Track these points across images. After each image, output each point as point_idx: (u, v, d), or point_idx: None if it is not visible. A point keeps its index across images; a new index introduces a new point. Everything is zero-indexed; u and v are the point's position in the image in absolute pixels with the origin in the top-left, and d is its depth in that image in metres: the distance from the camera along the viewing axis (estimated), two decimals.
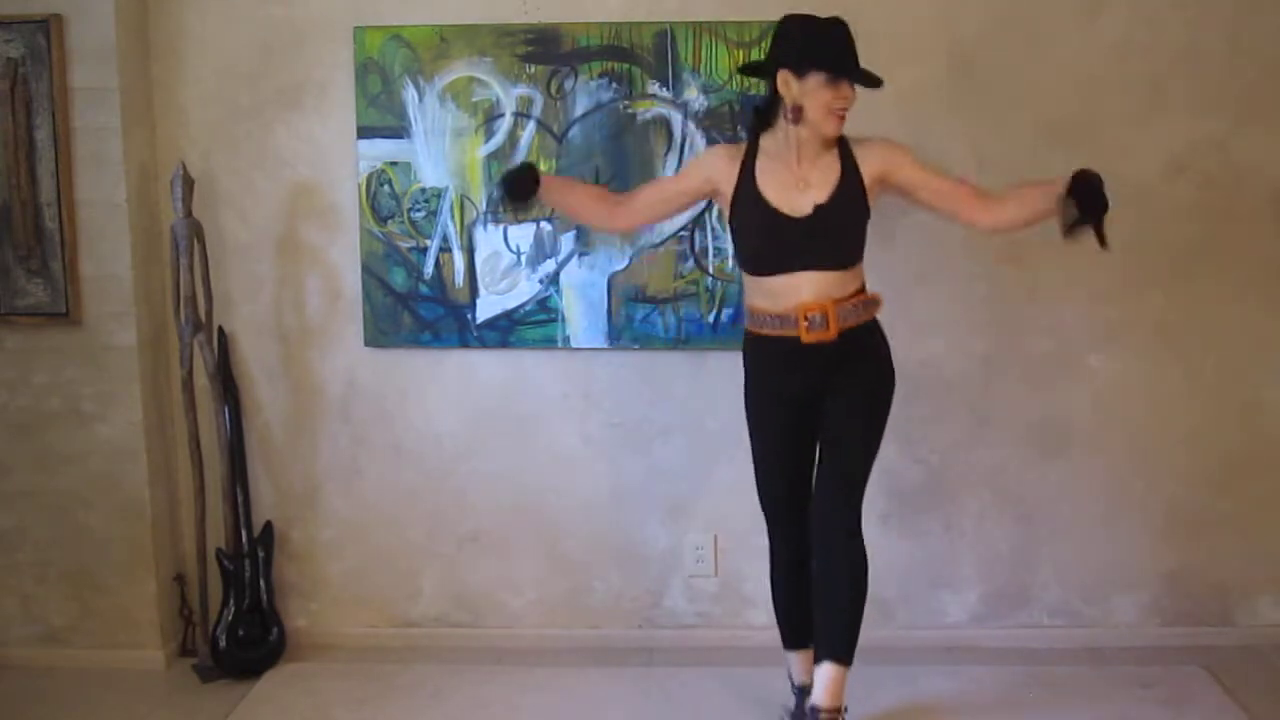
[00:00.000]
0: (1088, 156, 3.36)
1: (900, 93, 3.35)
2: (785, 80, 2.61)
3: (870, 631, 3.54)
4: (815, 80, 2.58)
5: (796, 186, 2.64)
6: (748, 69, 2.93)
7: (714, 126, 3.35)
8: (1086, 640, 3.54)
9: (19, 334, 3.38)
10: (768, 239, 2.66)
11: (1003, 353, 3.47)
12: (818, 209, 2.63)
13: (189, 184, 3.32)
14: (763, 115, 2.72)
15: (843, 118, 2.61)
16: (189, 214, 3.34)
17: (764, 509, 2.95)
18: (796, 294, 2.66)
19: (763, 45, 3.32)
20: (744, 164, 2.70)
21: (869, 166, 2.67)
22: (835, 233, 2.66)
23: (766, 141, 2.71)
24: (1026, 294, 3.45)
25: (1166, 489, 3.51)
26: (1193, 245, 3.41)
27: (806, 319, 2.64)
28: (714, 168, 2.75)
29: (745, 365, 2.87)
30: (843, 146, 2.68)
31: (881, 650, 3.46)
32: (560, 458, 3.57)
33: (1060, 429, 3.50)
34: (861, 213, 2.69)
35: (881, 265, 3.43)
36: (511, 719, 3.18)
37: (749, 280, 2.77)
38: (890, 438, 3.48)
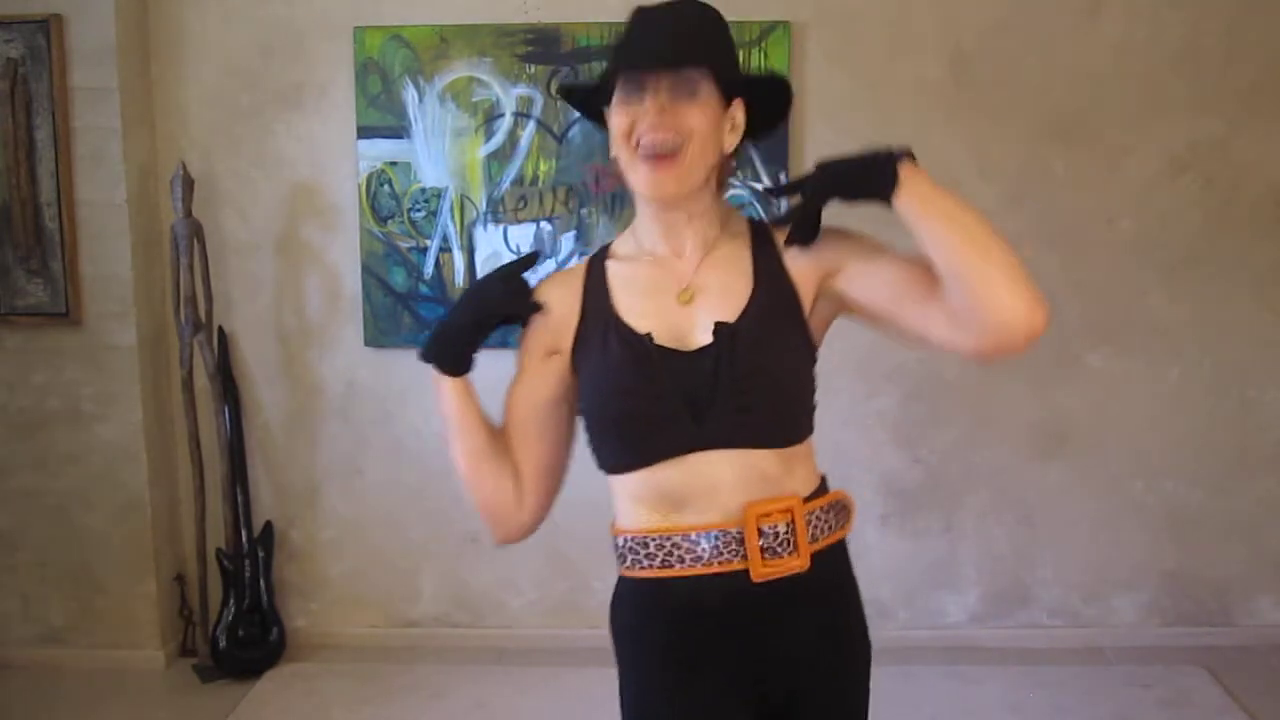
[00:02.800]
0: (1088, 156, 3.39)
1: (900, 93, 3.36)
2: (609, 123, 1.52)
3: (870, 632, 3.56)
4: (615, 104, 1.49)
5: (676, 298, 1.50)
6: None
7: None
8: (1086, 640, 3.54)
9: (19, 334, 3.38)
10: (636, 397, 1.49)
11: None
12: (721, 330, 1.46)
13: (189, 184, 3.32)
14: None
15: (665, 157, 1.44)
16: (189, 214, 3.33)
17: None
18: (716, 493, 1.47)
19: (762, 45, 3.32)
20: (586, 286, 1.56)
21: (803, 260, 1.50)
22: (763, 376, 1.47)
23: (619, 244, 1.60)
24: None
25: (1166, 489, 3.51)
26: (1193, 245, 3.41)
27: (760, 532, 1.45)
28: (542, 326, 1.60)
29: (619, 653, 1.66)
30: (759, 234, 1.55)
31: (881, 650, 3.45)
32: None
33: (1060, 429, 3.50)
34: (798, 340, 1.52)
35: None
36: (511, 719, 3.18)
37: (616, 486, 1.61)
38: (890, 438, 3.51)
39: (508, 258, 3.44)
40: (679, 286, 1.50)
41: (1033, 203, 3.39)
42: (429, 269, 3.47)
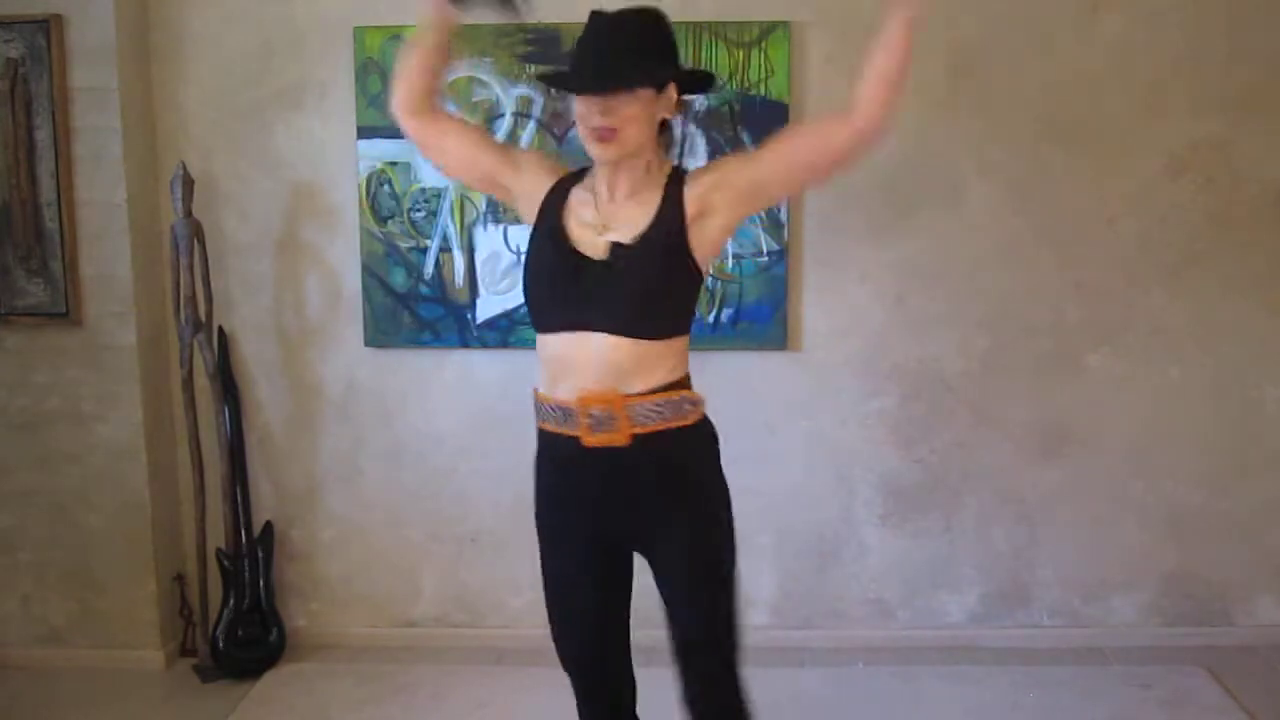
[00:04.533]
0: (1088, 157, 3.39)
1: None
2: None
3: (870, 631, 3.56)
4: (575, 97, 2.07)
5: (601, 225, 2.06)
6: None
7: (714, 126, 3.35)
8: (1086, 640, 3.54)
9: (19, 334, 3.38)
10: (553, 279, 2.05)
11: (1002, 353, 3.47)
12: (614, 248, 2.01)
13: (189, 184, 3.32)
14: None
15: (606, 138, 2.01)
16: (189, 214, 3.33)
17: (563, 668, 2.27)
18: (576, 372, 2.02)
19: (763, 45, 3.32)
20: (555, 188, 2.14)
21: (691, 197, 2.04)
22: (634, 283, 2.00)
23: (583, 177, 2.17)
24: (1026, 294, 3.45)
25: (1166, 489, 3.51)
26: (1193, 245, 3.41)
27: (589, 415, 2.00)
28: (531, 170, 2.19)
29: (535, 477, 2.21)
30: (674, 182, 2.08)
31: (881, 650, 3.46)
32: None
33: (1060, 429, 3.50)
34: (675, 260, 2.03)
35: (881, 265, 3.44)
36: (511, 719, 3.18)
37: (539, 348, 2.12)
38: (890, 438, 3.51)
39: (508, 258, 3.44)
40: (601, 221, 2.06)
41: (1033, 203, 3.39)
42: (429, 269, 3.47)
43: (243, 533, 3.49)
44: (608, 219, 2.05)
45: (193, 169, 3.38)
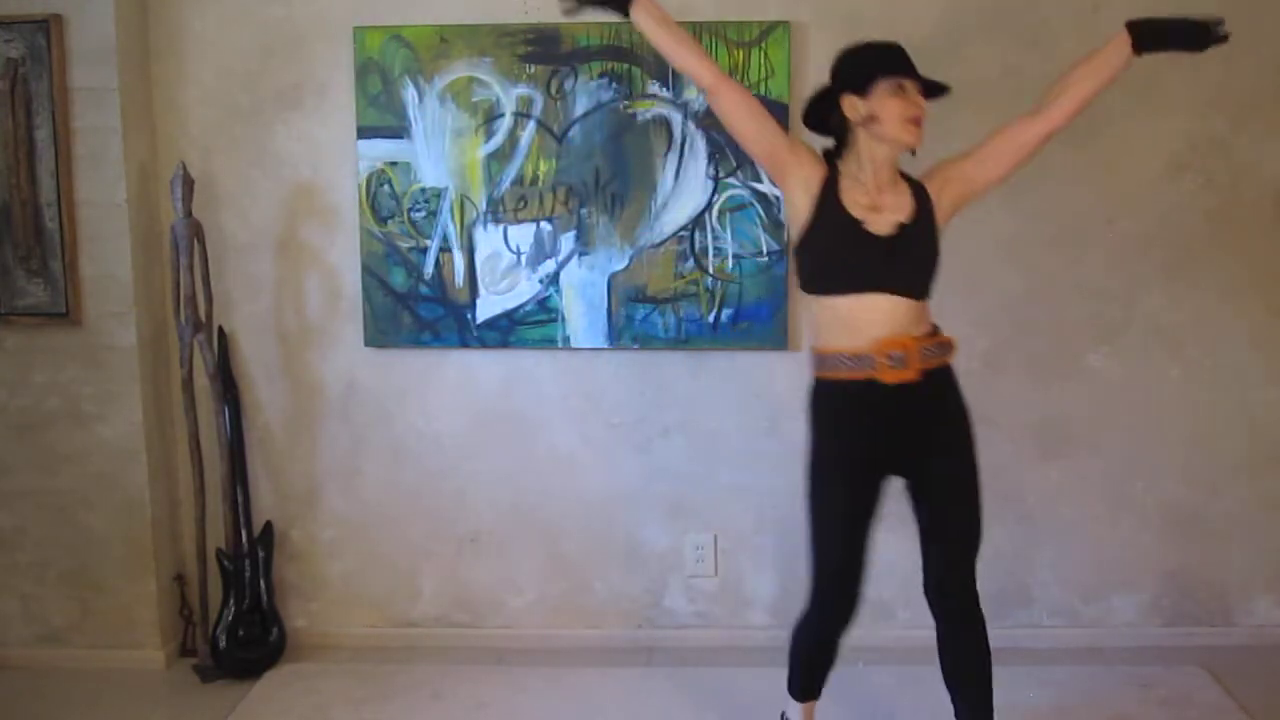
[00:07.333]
0: (1088, 156, 3.39)
1: None
2: (852, 104, 2.47)
3: (870, 631, 3.55)
4: (882, 90, 2.44)
5: (874, 208, 2.47)
6: (810, 115, 2.64)
7: (714, 127, 3.35)
8: (1086, 640, 3.54)
9: (19, 334, 3.38)
10: (848, 252, 2.46)
11: (1003, 352, 3.47)
12: (902, 228, 2.46)
13: (189, 184, 3.32)
14: (832, 152, 2.58)
15: (918, 124, 2.45)
16: (189, 214, 3.34)
17: (815, 580, 2.63)
18: (871, 326, 2.46)
19: (763, 45, 3.32)
20: (828, 175, 2.52)
21: (935, 193, 2.53)
22: (916, 255, 2.49)
23: (843, 164, 2.54)
24: (1026, 294, 3.45)
25: (1166, 489, 3.51)
26: (1193, 245, 3.41)
27: (888, 356, 2.43)
28: (808, 159, 2.54)
29: (813, 421, 2.58)
30: (905, 177, 2.55)
31: (881, 650, 3.46)
32: (560, 458, 3.57)
33: (1060, 429, 3.50)
34: (937, 241, 2.54)
35: None
36: (511, 719, 3.18)
37: (819, 310, 2.54)
38: None
39: (508, 258, 3.45)
40: (874, 201, 2.48)
41: (1033, 202, 3.39)
42: (429, 269, 3.47)
43: (243, 533, 3.49)
44: (877, 203, 2.47)
45: (193, 169, 3.38)
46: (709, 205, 3.38)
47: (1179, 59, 3.32)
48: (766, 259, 3.40)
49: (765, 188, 3.37)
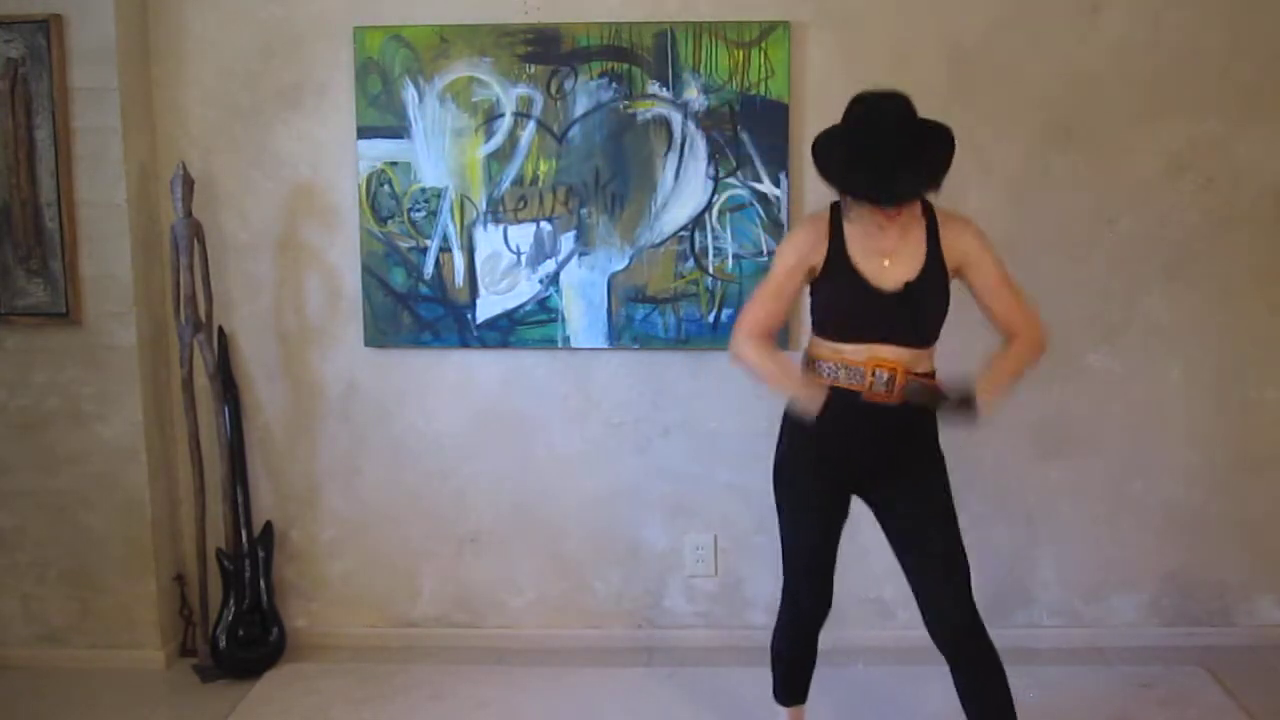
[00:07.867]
0: (1088, 156, 3.39)
1: None
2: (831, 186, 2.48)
3: (870, 631, 3.56)
4: (854, 200, 2.45)
5: (883, 257, 2.48)
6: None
7: (714, 127, 3.35)
8: (1086, 640, 3.54)
9: (19, 334, 3.38)
10: (855, 311, 2.50)
11: None
12: (908, 286, 2.47)
13: (189, 184, 3.32)
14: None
15: (894, 218, 2.44)
16: (189, 214, 3.34)
17: (787, 579, 2.74)
18: (870, 354, 2.50)
19: (763, 45, 3.32)
20: (831, 231, 2.52)
21: (952, 255, 2.51)
22: (921, 312, 2.50)
23: (858, 209, 2.50)
24: (1026, 293, 3.44)
25: (1166, 489, 3.51)
26: (1193, 245, 3.41)
27: (874, 374, 2.46)
28: (806, 247, 2.54)
29: (785, 426, 2.66)
30: (929, 218, 2.52)
31: (881, 650, 3.46)
32: (560, 458, 3.57)
33: (1060, 429, 3.50)
34: (944, 296, 2.53)
35: None
36: (511, 719, 3.18)
37: (820, 340, 2.58)
38: None
39: (508, 258, 3.45)
40: (882, 250, 2.48)
41: (1033, 203, 3.39)
42: (429, 269, 3.47)
43: (243, 533, 3.49)
44: (887, 252, 2.48)
45: (193, 169, 3.38)
46: (709, 205, 3.38)
47: (1180, 60, 3.34)
48: (766, 259, 3.39)
49: (765, 188, 3.38)
